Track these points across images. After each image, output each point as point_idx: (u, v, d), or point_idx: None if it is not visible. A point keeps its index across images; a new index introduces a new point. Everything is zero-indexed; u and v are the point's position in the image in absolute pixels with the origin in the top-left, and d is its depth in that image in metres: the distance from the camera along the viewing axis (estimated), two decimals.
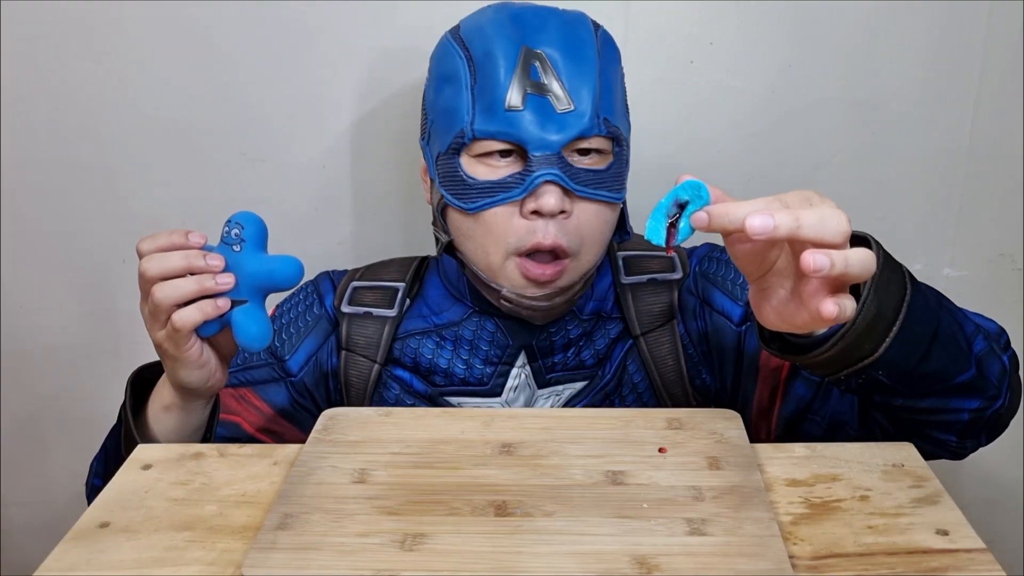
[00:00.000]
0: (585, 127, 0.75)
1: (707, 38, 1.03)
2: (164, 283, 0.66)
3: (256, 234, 0.69)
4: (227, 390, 0.85)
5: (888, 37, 1.03)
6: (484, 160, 0.77)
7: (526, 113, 0.74)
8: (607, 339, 0.85)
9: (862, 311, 0.58)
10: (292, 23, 1.03)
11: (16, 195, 1.10)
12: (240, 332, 0.68)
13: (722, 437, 0.64)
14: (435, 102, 0.80)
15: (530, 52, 0.76)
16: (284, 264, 0.68)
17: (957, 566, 0.52)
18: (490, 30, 0.78)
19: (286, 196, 1.09)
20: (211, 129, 1.07)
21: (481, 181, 0.76)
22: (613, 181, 0.78)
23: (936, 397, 0.67)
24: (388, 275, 0.90)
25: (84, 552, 0.55)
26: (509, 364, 0.84)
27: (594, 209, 0.77)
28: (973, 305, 1.12)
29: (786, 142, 1.07)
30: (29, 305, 1.14)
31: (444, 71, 0.80)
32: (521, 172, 0.75)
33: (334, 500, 0.58)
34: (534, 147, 0.74)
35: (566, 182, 0.75)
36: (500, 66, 0.75)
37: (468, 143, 0.76)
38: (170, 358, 0.70)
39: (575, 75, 0.76)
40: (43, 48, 1.04)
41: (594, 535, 0.54)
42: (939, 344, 0.64)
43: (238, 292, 0.68)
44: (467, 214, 0.77)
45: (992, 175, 1.08)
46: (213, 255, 0.67)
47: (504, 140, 0.75)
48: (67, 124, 1.07)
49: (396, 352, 0.86)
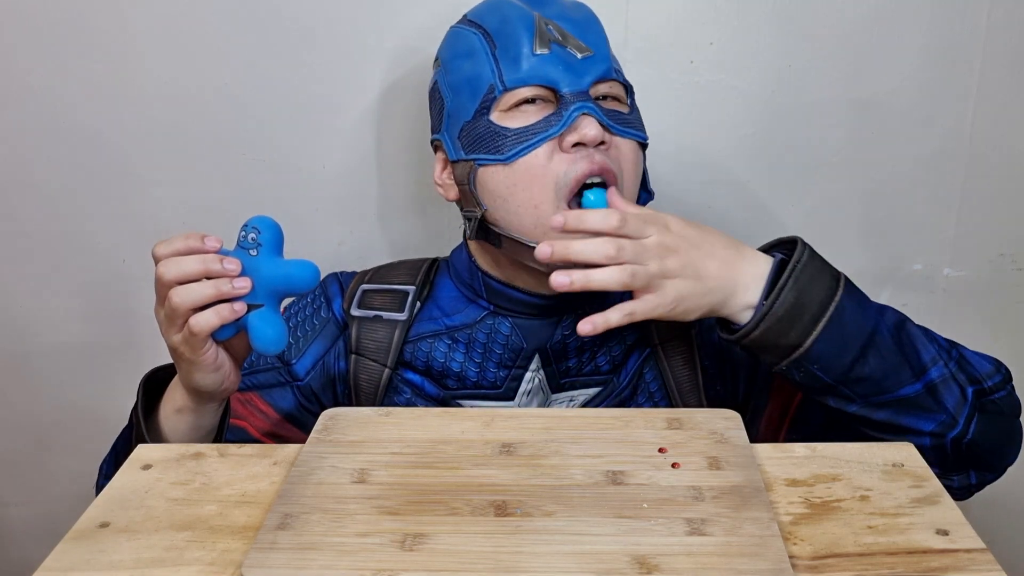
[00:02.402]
0: (607, 68, 0.79)
1: (707, 38, 1.03)
2: (181, 287, 0.66)
3: (273, 238, 0.69)
4: (233, 394, 0.85)
5: (888, 37, 1.03)
6: (515, 112, 0.78)
7: (553, 57, 0.77)
8: (623, 345, 0.85)
9: (780, 296, 0.69)
10: (293, 23, 1.03)
11: (16, 195, 1.10)
12: (256, 336, 0.68)
13: (722, 437, 0.64)
14: (452, 82, 0.82)
15: (542, 18, 0.79)
16: (301, 269, 0.68)
17: (957, 566, 0.52)
18: (503, 7, 0.81)
19: (286, 196, 1.09)
20: (211, 129, 1.07)
21: (516, 128, 0.77)
22: (637, 122, 0.82)
23: (888, 410, 0.72)
24: (398, 278, 0.90)
25: (84, 552, 0.55)
26: (523, 368, 0.84)
27: (628, 145, 0.80)
28: (973, 305, 1.12)
29: (786, 142, 1.07)
30: (29, 305, 1.14)
31: (458, 51, 0.82)
32: (555, 112, 0.77)
33: (334, 500, 0.58)
34: (566, 85, 0.77)
35: (600, 116, 0.77)
36: (519, 27, 0.79)
37: (499, 97, 0.78)
38: (185, 361, 0.70)
39: (587, 32, 0.80)
40: (43, 48, 1.04)
41: (594, 535, 0.54)
42: (876, 351, 0.71)
43: (254, 296, 0.68)
44: (505, 166, 0.77)
45: (992, 175, 1.08)
46: (230, 259, 0.67)
47: (536, 84, 0.77)
48: (67, 124, 1.07)
49: (407, 355, 0.86)
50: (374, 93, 1.06)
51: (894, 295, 1.12)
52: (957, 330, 1.13)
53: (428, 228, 1.11)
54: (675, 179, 1.07)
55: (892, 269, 1.12)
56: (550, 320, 0.84)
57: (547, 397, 0.85)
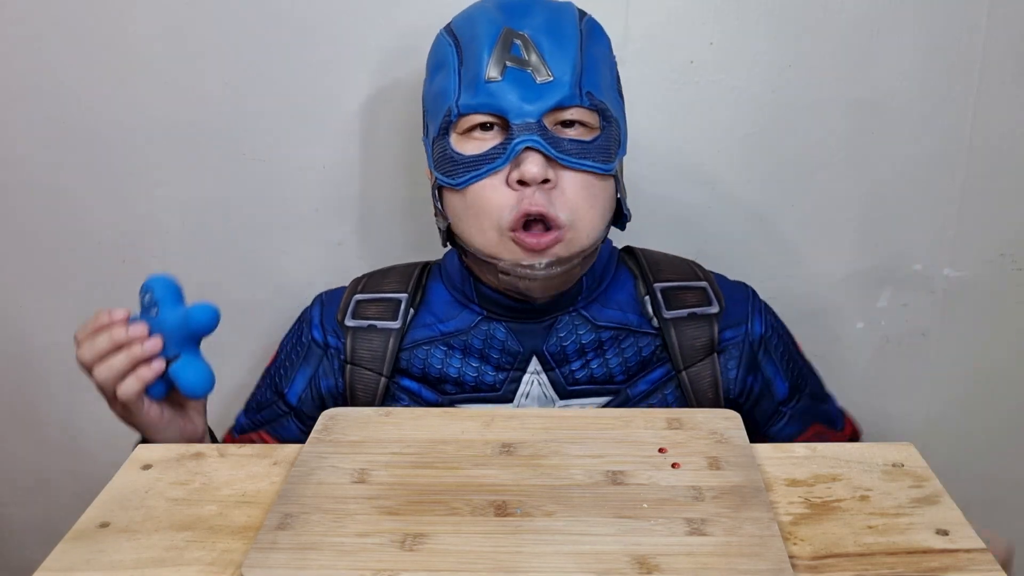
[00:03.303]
0: (565, 95, 0.76)
1: (707, 38, 1.03)
2: (101, 364, 0.72)
3: (166, 293, 0.73)
4: (246, 435, 0.89)
5: (888, 37, 1.03)
6: (470, 136, 0.78)
7: (505, 84, 0.76)
8: (639, 356, 0.85)
9: None
10: (292, 23, 1.03)
11: (16, 195, 1.10)
12: (182, 385, 0.72)
13: (722, 437, 0.64)
14: (428, 92, 0.83)
15: (512, 32, 0.77)
16: (200, 312, 0.72)
17: (957, 566, 0.52)
18: (477, 16, 0.80)
19: (286, 196, 1.09)
20: (211, 129, 1.07)
21: (467, 156, 0.77)
22: (599, 153, 0.78)
23: None
24: (389, 286, 0.90)
25: (84, 552, 0.55)
26: (521, 370, 0.84)
27: (581, 180, 0.77)
28: (973, 305, 1.12)
29: (786, 142, 1.07)
30: (29, 305, 1.14)
31: (436, 61, 0.82)
32: (503, 142, 0.76)
33: (334, 500, 0.58)
34: (514, 115, 0.75)
35: (547, 149, 0.75)
36: (483, 44, 0.77)
37: (455, 120, 0.78)
38: (136, 426, 0.76)
39: (555, 50, 0.77)
40: (42, 47, 1.04)
41: (594, 535, 0.54)
42: None
43: (168, 350, 0.72)
44: (456, 191, 0.78)
45: (992, 175, 1.08)
46: (135, 326, 0.72)
47: (485, 112, 0.76)
48: (67, 124, 1.07)
49: (403, 363, 0.86)
50: (374, 93, 1.06)
51: (894, 295, 1.12)
52: (957, 330, 1.13)
53: (428, 228, 1.11)
54: (674, 179, 1.07)
55: (892, 269, 1.12)
56: (544, 323, 0.84)
57: (554, 404, 0.84)
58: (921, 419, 1.17)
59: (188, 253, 1.11)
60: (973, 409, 1.17)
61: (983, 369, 1.15)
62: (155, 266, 1.11)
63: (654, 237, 1.02)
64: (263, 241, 1.11)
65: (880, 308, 1.13)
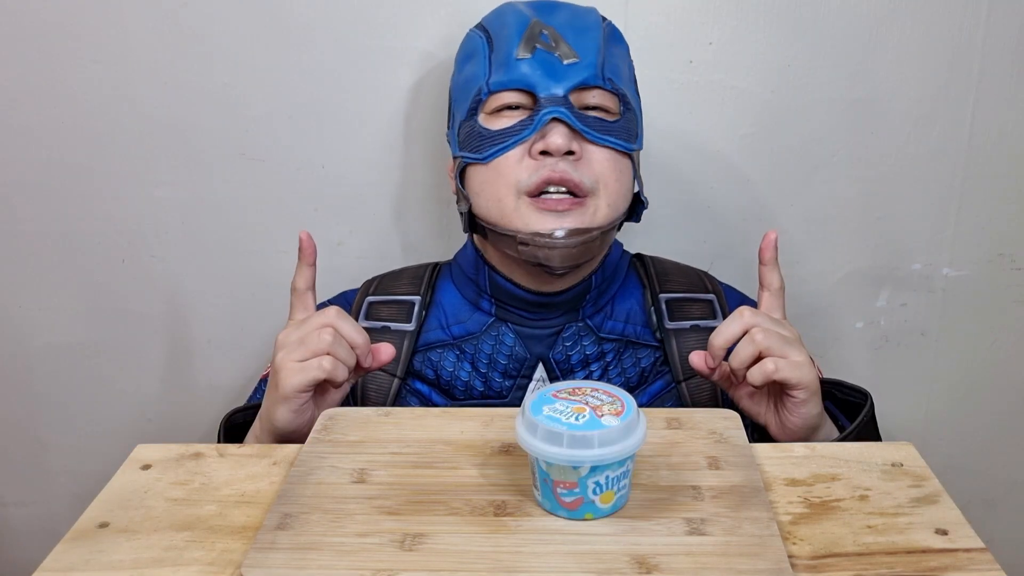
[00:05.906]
0: (590, 74, 0.79)
1: (707, 38, 1.03)
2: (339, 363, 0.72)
3: None
4: None
5: (887, 37, 1.03)
6: (498, 115, 0.81)
7: (534, 61, 0.79)
8: (638, 367, 0.86)
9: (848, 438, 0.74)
10: (291, 23, 1.03)
11: (15, 195, 1.10)
12: None
13: (721, 437, 0.64)
14: (458, 82, 0.86)
15: (539, 23, 0.82)
16: None
17: (957, 566, 0.52)
18: (506, 12, 0.85)
19: (286, 196, 1.09)
20: (211, 129, 1.07)
21: (495, 130, 0.80)
22: (622, 131, 0.81)
23: None
24: (401, 288, 0.91)
25: (83, 552, 0.55)
26: (527, 377, 0.85)
27: (605, 155, 0.80)
28: (971, 304, 1.12)
29: (786, 142, 1.07)
30: (29, 305, 1.14)
31: (466, 53, 0.86)
32: (530, 116, 0.79)
33: (334, 500, 0.58)
34: (542, 89, 0.79)
35: (573, 121, 0.78)
36: (513, 32, 0.81)
37: (485, 99, 0.81)
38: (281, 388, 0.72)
39: (580, 39, 0.81)
40: (41, 48, 1.04)
41: (594, 535, 0.54)
42: None
43: None
44: (481, 164, 0.81)
45: (992, 175, 1.08)
46: None
47: (515, 88, 0.80)
48: (66, 124, 1.07)
49: (417, 365, 0.86)
50: (374, 93, 1.06)
51: (893, 295, 1.12)
52: (956, 330, 1.13)
53: (428, 228, 1.11)
54: (674, 179, 1.07)
55: (891, 269, 1.12)
56: (551, 329, 0.85)
57: None
58: (920, 418, 1.17)
59: (188, 253, 1.11)
60: (972, 408, 1.17)
61: (982, 368, 1.15)
62: (155, 266, 1.11)
63: (653, 237, 1.02)
64: (263, 241, 1.11)
65: (879, 307, 1.13)
